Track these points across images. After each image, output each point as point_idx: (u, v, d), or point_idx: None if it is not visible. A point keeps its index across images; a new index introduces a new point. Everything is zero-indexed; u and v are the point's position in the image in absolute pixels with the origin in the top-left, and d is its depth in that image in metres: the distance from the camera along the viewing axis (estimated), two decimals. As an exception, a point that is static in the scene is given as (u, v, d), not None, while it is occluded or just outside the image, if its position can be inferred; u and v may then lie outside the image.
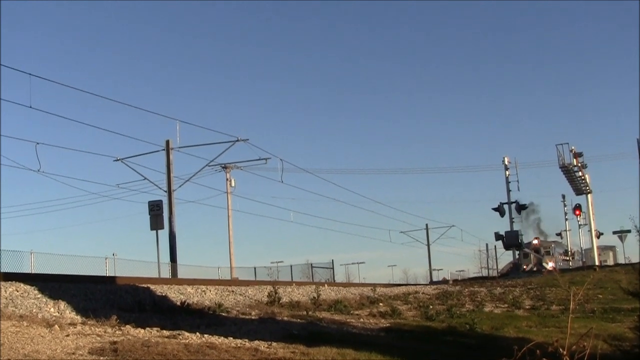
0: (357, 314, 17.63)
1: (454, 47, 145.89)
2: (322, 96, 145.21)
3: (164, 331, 9.98)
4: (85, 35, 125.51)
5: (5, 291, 12.31)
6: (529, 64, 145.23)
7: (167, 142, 33.96)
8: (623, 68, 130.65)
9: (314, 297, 18.85)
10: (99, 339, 8.57)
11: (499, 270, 66.78)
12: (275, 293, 18.17)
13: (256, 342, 9.61)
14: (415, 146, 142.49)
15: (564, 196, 62.88)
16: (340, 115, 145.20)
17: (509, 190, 53.53)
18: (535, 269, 57.17)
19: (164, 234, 32.59)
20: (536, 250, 62.00)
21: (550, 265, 58.36)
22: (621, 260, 66.18)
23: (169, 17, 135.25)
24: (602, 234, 58.84)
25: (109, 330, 9.57)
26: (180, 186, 35.31)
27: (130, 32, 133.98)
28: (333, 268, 49.73)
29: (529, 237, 63.85)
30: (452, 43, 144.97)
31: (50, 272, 19.09)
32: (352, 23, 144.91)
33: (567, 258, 65.65)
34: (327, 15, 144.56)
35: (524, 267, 57.18)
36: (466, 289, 32.69)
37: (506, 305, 23.07)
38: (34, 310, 11.09)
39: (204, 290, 18.18)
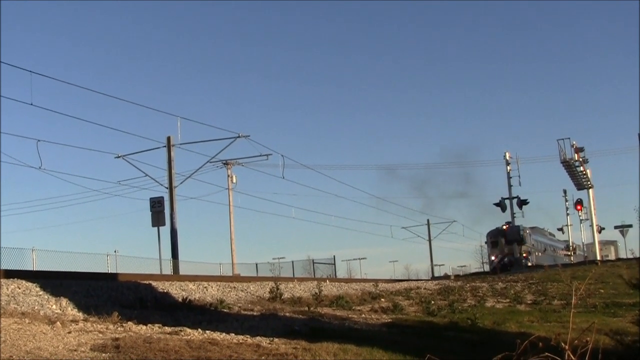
0: (359, 310, 17.63)
1: (455, 44, 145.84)
2: (323, 92, 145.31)
3: (166, 327, 9.98)
4: (86, 32, 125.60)
5: (7, 288, 12.33)
6: (530, 60, 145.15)
7: (168, 139, 33.96)
8: (624, 63, 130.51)
9: (316, 293, 18.84)
10: (101, 335, 8.57)
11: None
12: (277, 289, 18.18)
13: (258, 338, 9.61)
14: (416, 142, 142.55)
15: (565, 191, 62.93)
16: (341, 111, 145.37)
17: (510, 186, 53.58)
18: (505, 260, 51.15)
19: (165, 230, 32.68)
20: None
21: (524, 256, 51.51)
22: (623, 255, 66.15)
23: (169, 14, 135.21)
24: (603, 228, 58.82)
25: (111, 326, 9.57)
26: (181, 183, 35.30)
27: (131, 30, 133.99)
28: (335, 264, 49.77)
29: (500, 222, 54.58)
30: (452, 40, 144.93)
31: (51, 269, 19.14)
32: (352, 21, 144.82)
33: (569, 252, 65.25)
34: (328, 14, 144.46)
35: (493, 258, 52.17)
36: (468, 284, 32.69)
37: (508, 300, 23.06)
38: (36, 307, 11.10)
39: (205, 287, 18.20)
